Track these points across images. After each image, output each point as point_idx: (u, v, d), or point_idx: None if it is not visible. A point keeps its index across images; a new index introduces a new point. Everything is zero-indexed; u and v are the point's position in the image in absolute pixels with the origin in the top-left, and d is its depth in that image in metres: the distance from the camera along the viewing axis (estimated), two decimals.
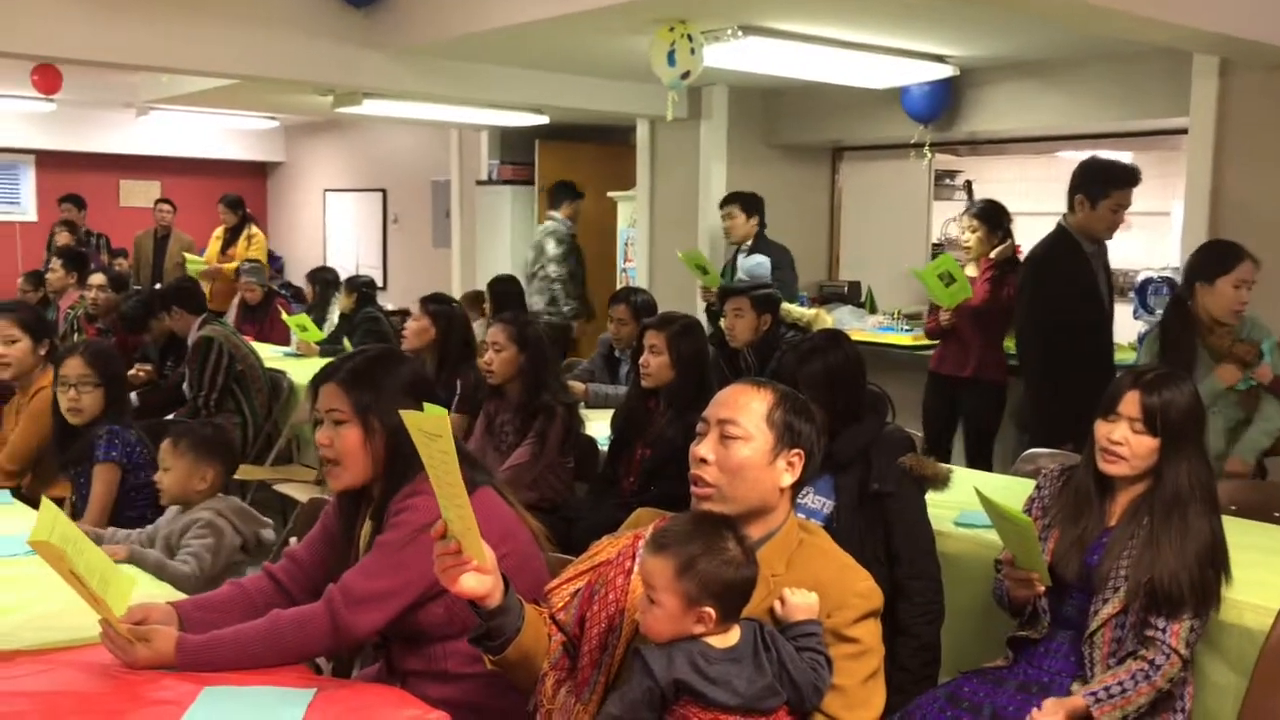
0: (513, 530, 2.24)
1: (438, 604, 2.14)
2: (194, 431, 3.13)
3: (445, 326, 4.69)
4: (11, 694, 1.95)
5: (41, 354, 3.96)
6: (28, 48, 5.14)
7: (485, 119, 7.77)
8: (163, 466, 3.08)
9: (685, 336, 3.79)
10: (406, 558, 2.09)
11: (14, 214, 11.69)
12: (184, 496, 3.06)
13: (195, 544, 2.95)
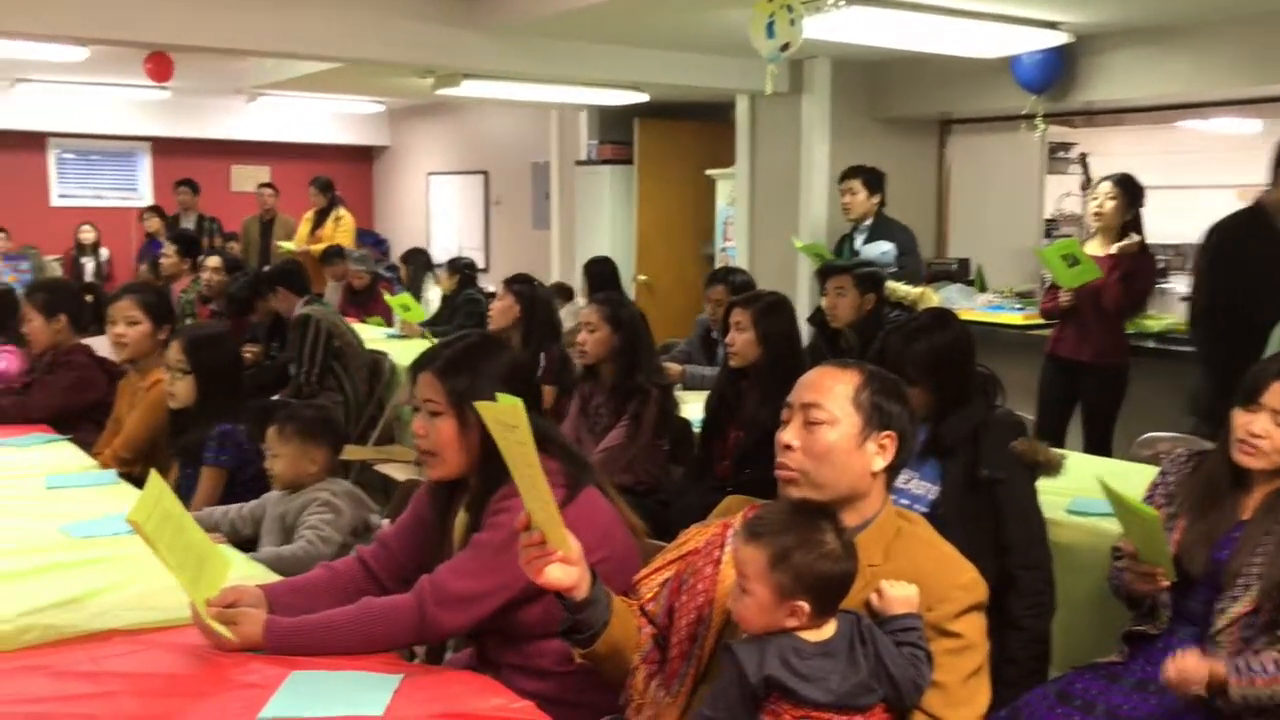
0: (611, 533, 2.16)
1: (534, 606, 2.08)
2: (298, 415, 3.12)
3: (528, 305, 4.80)
4: (105, 674, 1.97)
5: (160, 339, 3.90)
6: (139, 35, 5.27)
7: (584, 98, 7.73)
8: (271, 453, 3.08)
9: (771, 313, 3.70)
10: (503, 561, 2.01)
11: (132, 200, 12.07)
12: (297, 481, 3.05)
13: (316, 520, 2.94)
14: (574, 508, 2.06)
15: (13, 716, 1.80)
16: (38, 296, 4.33)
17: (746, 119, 7.58)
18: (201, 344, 3.43)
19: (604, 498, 2.21)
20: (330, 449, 3.11)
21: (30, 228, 10.89)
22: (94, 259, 10.90)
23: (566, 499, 2.07)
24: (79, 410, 4.16)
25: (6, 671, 1.97)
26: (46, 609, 2.21)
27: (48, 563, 2.56)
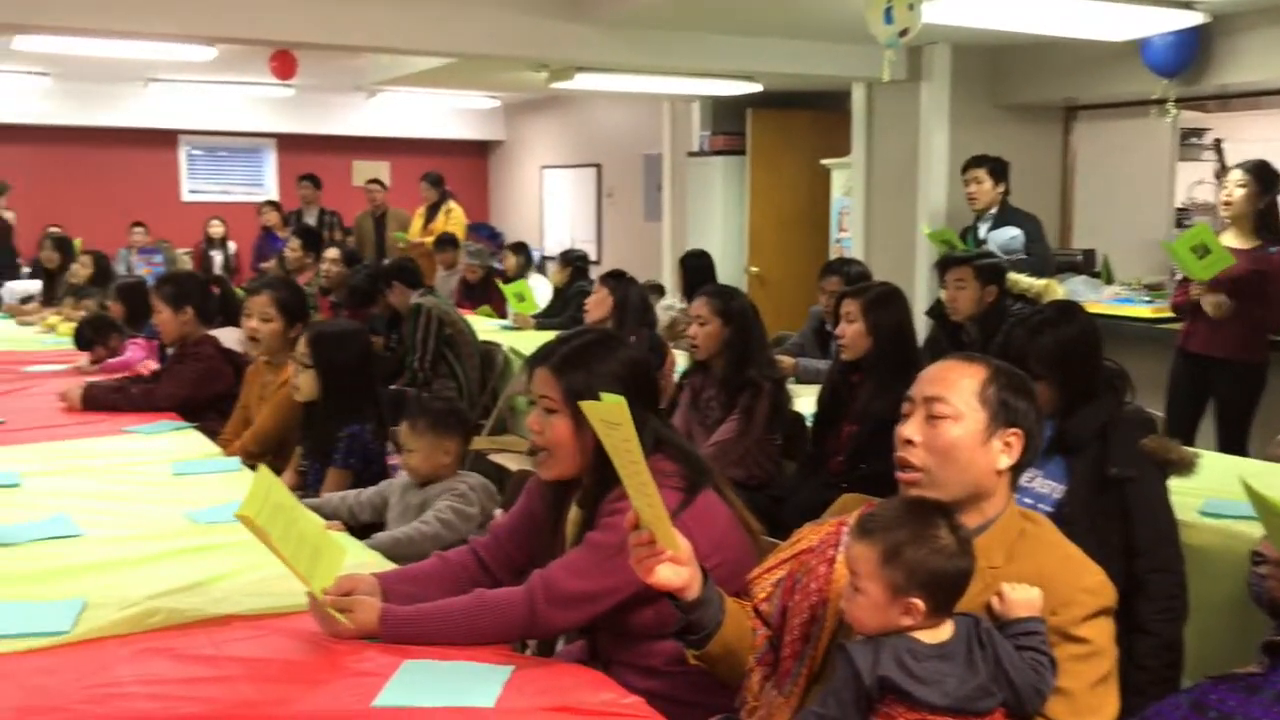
0: (727, 538, 2.12)
1: (647, 608, 2.06)
2: (427, 409, 3.15)
3: (622, 298, 5.01)
4: (225, 658, 2.01)
5: (291, 336, 3.91)
6: (265, 34, 5.41)
7: (696, 89, 7.69)
8: (405, 449, 3.12)
9: (882, 304, 3.62)
10: (616, 564, 1.96)
11: (258, 195, 12.44)
12: (433, 474, 3.09)
13: (443, 504, 2.99)
14: (690, 512, 2.03)
15: (136, 697, 1.85)
16: (165, 289, 4.48)
17: (863, 107, 7.45)
18: (326, 340, 3.46)
19: (721, 499, 2.16)
20: (461, 439, 3.15)
21: (162, 222, 11.30)
22: (222, 252, 11.27)
23: (684, 503, 2.04)
24: (204, 400, 4.29)
25: (132, 654, 2.03)
26: (171, 593, 2.28)
27: (173, 548, 2.64)
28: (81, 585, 2.35)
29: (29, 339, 6.30)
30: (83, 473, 3.34)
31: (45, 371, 5.09)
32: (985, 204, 5.85)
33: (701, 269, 6.43)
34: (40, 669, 1.95)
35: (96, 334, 5.27)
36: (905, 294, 3.83)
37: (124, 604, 2.21)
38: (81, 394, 4.24)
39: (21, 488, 3.16)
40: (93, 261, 7.41)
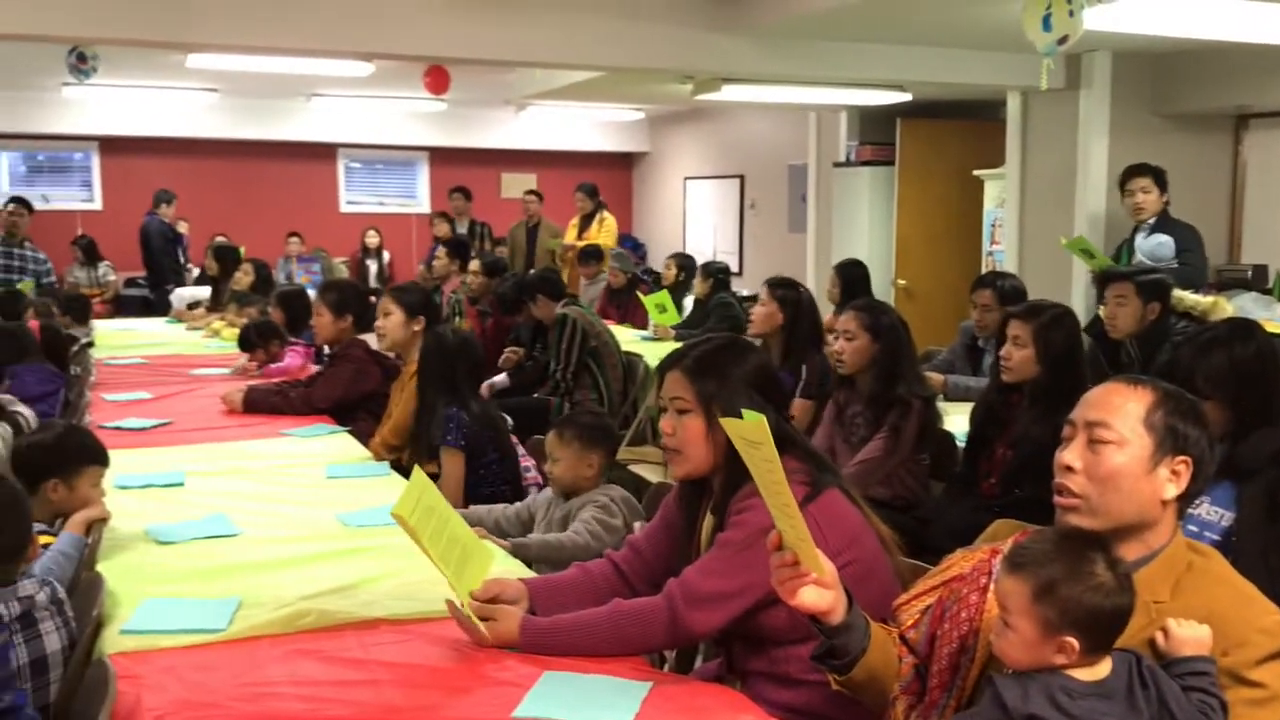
0: (858, 537, 2.10)
1: (780, 608, 2.00)
2: (576, 421, 3.21)
3: (793, 311, 4.56)
4: (372, 661, 2.05)
5: (415, 329, 4.22)
6: (420, 50, 5.56)
7: (844, 99, 7.59)
8: (551, 458, 3.18)
9: (1055, 328, 3.44)
10: (748, 559, 2.00)
11: (411, 206, 12.81)
12: (575, 485, 3.14)
13: (589, 514, 3.03)
14: (817, 507, 2.04)
15: (287, 698, 1.90)
16: (330, 295, 4.65)
17: (1018, 116, 7.23)
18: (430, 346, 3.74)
19: (849, 502, 2.14)
20: (606, 453, 3.19)
21: (321, 232, 11.74)
22: (377, 261, 11.63)
23: (808, 497, 2.05)
24: (356, 401, 4.43)
25: (283, 654, 2.09)
26: (322, 595, 2.34)
27: (325, 550, 2.72)
28: (237, 584, 2.44)
29: (195, 343, 6.60)
30: (242, 474, 3.48)
31: (210, 375, 5.33)
32: (1151, 213, 5.62)
33: (858, 279, 6.22)
34: (198, 665, 2.03)
35: (259, 339, 5.48)
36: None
37: (277, 604, 2.29)
38: (243, 397, 4.42)
39: (185, 486, 3.31)
40: (254, 269, 7.73)
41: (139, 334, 7.05)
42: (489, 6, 5.19)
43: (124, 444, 3.77)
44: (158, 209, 10.30)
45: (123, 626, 2.19)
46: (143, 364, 5.66)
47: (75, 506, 2.74)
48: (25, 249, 7.36)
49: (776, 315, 4.57)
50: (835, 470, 2.22)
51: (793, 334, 4.55)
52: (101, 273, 10.82)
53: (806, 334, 4.58)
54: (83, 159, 11.73)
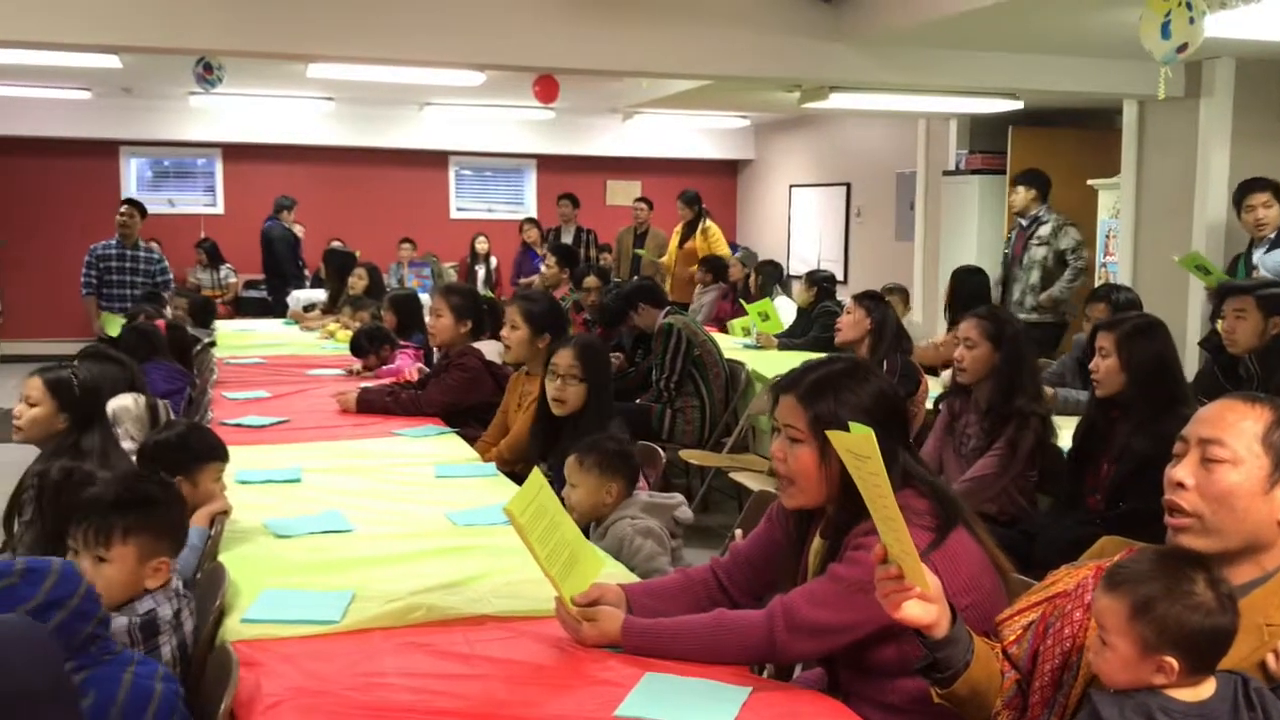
0: (979, 578, 2.02)
1: (890, 645, 2.00)
2: (598, 448, 3.12)
3: (880, 321, 4.78)
4: (478, 657, 2.11)
5: (539, 345, 4.13)
6: (531, 61, 5.67)
7: (954, 107, 7.50)
8: (570, 484, 3.09)
9: (1138, 338, 3.35)
10: (860, 599, 1.92)
11: (519, 213, 13.00)
12: (594, 512, 3.05)
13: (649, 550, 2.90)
14: (942, 553, 1.96)
15: (397, 689, 1.97)
16: (453, 298, 4.72)
17: (1134, 125, 7.05)
18: (596, 354, 3.62)
19: (972, 537, 2.07)
20: (625, 481, 3.09)
21: (431, 237, 12.00)
22: (485, 267, 11.85)
23: (934, 544, 1.96)
24: (466, 408, 4.51)
25: (394, 646, 2.16)
26: (431, 590, 2.41)
27: (434, 547, 2.79)
28: (350, 578, 2.53)
29: (311, 344, 6.82)
30: (355, 471, 3.59)
31: (325, 375, 5.50)
32: (1273, 228, 5.44)
33: (974, 287, 6.11)
34: (313, 654, 2.11)
35: (370, 343, 5.64)
36: (1167, 325, 3.53)
37: (388, 598, 2.36)
38: (356, 397, 4.56)
39: (302, 483, 3.43)
40: (367, 273, 7.93)
41: (258, 335, 7.31)
42: (600, 18, 5.27)
43: (243, 440, 3.92)
44: (279, 215, 10.65)
45: (243, 615, 2.29)
46: (261, 364, 5.86)
47: (198, 501, 2.86)
48: (139, 249, 7.65)
49: (864, 322, 4.80)
50: (960, 506, 2.10)
51: (879, 339, 4.76)
52: (223, 275, 11.24)
53: (892, 341, 4.79)
54: (206, 165, 12.18)
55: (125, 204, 7.69)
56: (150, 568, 2.22)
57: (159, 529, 2.25)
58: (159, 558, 2.24)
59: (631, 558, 2.81)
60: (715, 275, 8.70)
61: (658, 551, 2.90)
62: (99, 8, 4.73)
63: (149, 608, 2.20)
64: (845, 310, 4.95)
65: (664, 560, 2.90)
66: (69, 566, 1.92)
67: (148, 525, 2.23)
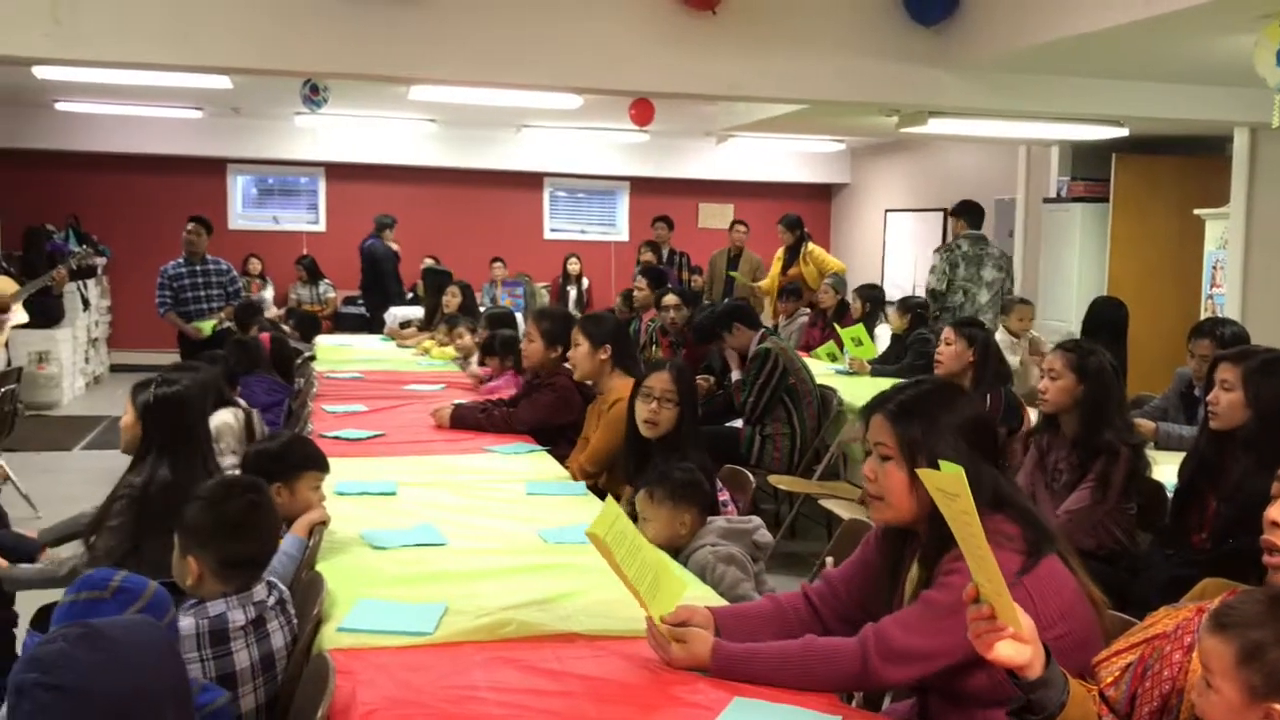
0: (1072, 609, 1.99)
1: (982, 671, 1.96)
2: (667, 479, 3.11)
3: (983, 350, 4.65)
4: (568, 674, 2.13)
5: (600, 359, 4.22)
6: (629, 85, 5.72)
7: (1057, 133, 7.37)
8: (642, 518, 3.08)
9: (1267, 373, 3.24)
10: (952, 624, 1.90)
11: (611, 234, 13.11)
12: (670, 545, 3.02)
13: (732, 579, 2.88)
14: (1033, 578, 1.93)
15: (488, 703, 1.99)
16: (544, 323, 4.77)
17: (1245, 154, 6.86)
18: (690, 379, 3.63)
19: (1066, 568, 2.04)
20: (698, 510, 3.08)
21: (524, 258, 12.15)
22: (576, 288, 11.95)
23: (1025, 568, 1.94)
24: (556, 428, 4.55)
25: (485, 660, 2.19)
26: (522, 606, 2.44)
27: (525, 563, 2.82)
28: (443, 591, 2.57)
29: (407, 360, 6.94)
30: (448, 486, 3.65)
31: (421, 391, 5.59)
32: None
33: (1105, 318, 5.96)
34: (407, 665, 2.15)
35: (503, 348, 5.65)
36: None
37: (480, 613, 2.39)
38: (450, 413, 4.63)
39: (397, 496, 3.49)
40: (460, 291, 8.06)
41: (356, 350, 7.47)
42: (699, 42, 5.30)
43: (341, 453, 4.00)
44: (380, 233, 10.88)
45: (339, 624, 2.34)
46: (359, 379, 5.98)
47: (297, 510, 2.93)
48: (208, 263, 7.84)
49: (966, 354, 4.64)
50: (1053, 534, 2.08)
51: (982, 371, 4.62)
52: (322, 290, 11.52)
53: (994, 371, 4.67)
54: (309, 183, 12.51)
55: (193, 221, 7.91)
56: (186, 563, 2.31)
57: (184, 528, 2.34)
58: (188, 555, 2.31)
59: (715, 586, 2.80)
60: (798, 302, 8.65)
61: (741, 578, 2.89)
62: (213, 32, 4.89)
63: (219, 612, 2.24)
64: (944, 340, 4.75)
65: (748, 586, 2.89)
66: (162, 594, 1.98)
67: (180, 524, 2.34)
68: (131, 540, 2.94)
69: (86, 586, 1.97)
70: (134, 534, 2.96)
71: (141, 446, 3.13)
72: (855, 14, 5.43)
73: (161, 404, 3.13)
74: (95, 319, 10.94)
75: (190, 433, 3.15)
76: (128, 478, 3.07)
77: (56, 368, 9.58)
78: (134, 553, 2.87)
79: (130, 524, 2.97)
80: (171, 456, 3.05)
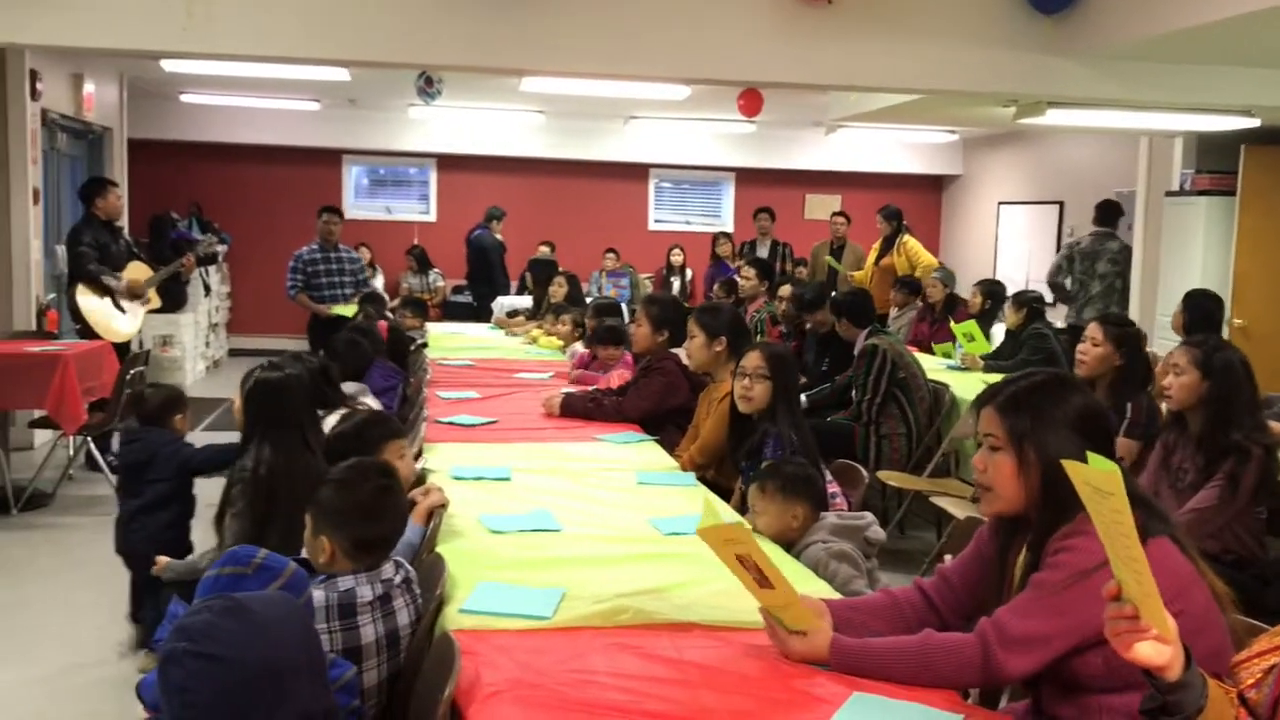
0: (1188, 588, 1.97)
1: (1095, 654, 1.95)
2: (779, 472, 3.13)
3: (1129, 350, 4.29)
4: (686, 663, 2.14)
5: (716, 350, 4.25)
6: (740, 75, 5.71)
7: (1182, 124, 7.13)
8: (753, 511, 3.10)
9: None
10: (1065, 602, 1.93)
11: (715, 225, 13.09)
12: (782, 538, 3.04)
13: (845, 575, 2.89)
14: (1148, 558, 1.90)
15: (608, 688, 2.01)
16: (652, 308, 4.81)
17: None
18: (783, 355, 3.69)
19: (1180, 551, 2.01)
20: (810, 504, 3.08)
21: (629, 248, 12.20)
22: (680, 279, 11.96)
23: None
24: (664, 414, 4.57)
25: (604, 646, 2.21)
26: (638, 594, 2.46)
27: (638, 552, 2.84)
28: (560, 576, 2.60)
29: (515, 349, 7.04)
30: (560, 473, 3.69)
31: (531, 380, 5.66)
32: None
33: (1207, 313, 5.72)
34: (529, 648, 2.18)
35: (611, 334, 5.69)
36: None
37: (596, 599, 2.42)
38: (560, 401, 4.68)
39: (511, 482, 3.55)
40: (566, 281, 8.13)
41: (466, 338, 7.60)
42: (812, 31, 5.26)
43: (457, 438, 4.08)
44: (489, 224, 11.03)
45: (461, 606, 2.38)
46: (470, 366, 6.08)
47: None
48: (340, 250, 8.06)
49: (1114, 357, 4.24)
50: (1167, 518, 2.08)
51: (1126, 371, 4.26)
52: (431, 279, 11.73)
53: (1140, 374, 4.34)
54: (418, 173, 12.74)
55: (328, 211, 8.13)
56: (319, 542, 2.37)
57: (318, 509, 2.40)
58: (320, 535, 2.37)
59: (830, 580, 2.79)
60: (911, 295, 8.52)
61: (854, 575, 2.89)
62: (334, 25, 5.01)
63: (349, 586, 2.31)
64: (1088, 339, 4.31)
65: (861, 583, 2.87)
66: (300, 574, 2.05)
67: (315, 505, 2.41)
68: (255, 525, 3.04)
69: (231, 562, 2.04)
70: (254, 518, 3.06)
71: (246, 430, 3.24)
72: (975, 3, 5.34)
73: (262, 388, 3.23)
74: (216, 304, 11.32)
75: (289, 417, 3.21)
76: (240, 462, 3.19)
77: (179, 351, 9.93)
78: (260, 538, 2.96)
79: (248, 509, 3.08)
80: (272, 439, 3.15)
